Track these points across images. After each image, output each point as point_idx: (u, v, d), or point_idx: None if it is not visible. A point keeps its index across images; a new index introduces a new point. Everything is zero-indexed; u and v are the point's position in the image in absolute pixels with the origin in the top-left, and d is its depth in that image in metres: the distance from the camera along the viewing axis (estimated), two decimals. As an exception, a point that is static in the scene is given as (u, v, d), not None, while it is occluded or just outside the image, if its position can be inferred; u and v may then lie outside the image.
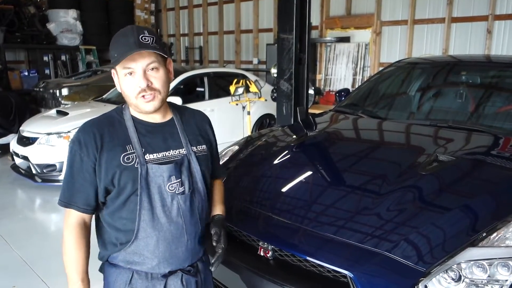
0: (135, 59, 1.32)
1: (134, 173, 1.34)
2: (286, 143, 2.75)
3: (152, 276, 1.41)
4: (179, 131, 1.46)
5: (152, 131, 1.42)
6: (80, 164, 1.35)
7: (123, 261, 1.41)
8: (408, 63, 3.66)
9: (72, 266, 1.38)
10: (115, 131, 1.38)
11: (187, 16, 11.45)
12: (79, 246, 1.38)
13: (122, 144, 1.36)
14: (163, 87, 1.38)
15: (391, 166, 2.23)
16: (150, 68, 1.34)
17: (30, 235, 3.91)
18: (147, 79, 1.34)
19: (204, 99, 6.28)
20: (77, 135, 1.37)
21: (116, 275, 1.43)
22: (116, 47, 1.34)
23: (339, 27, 8.02)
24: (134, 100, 1.36)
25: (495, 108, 2.90)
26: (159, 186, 1.37)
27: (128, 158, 1.35)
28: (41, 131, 5.08)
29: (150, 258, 1.39)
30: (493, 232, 1.59)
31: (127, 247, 1.38)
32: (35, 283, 3.07)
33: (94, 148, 1.34)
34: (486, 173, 2.10)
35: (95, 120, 1.42)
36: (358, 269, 1.57)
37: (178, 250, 1.42)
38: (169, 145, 1.42)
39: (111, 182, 1.34)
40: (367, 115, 3.07)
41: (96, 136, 1.35)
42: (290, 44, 4.04)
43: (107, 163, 1.34)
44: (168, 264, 1.41)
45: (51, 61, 10.00)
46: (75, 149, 1.35)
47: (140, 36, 1.32)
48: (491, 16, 6.19)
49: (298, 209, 2.02)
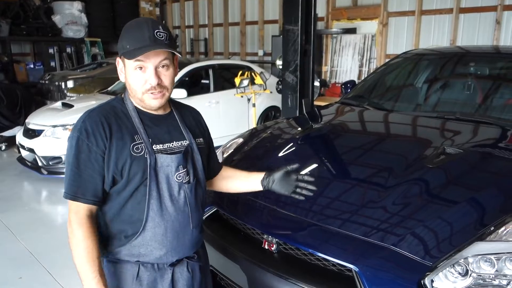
0: (149, 56, 1.31)
1: (144, 163, 1.34)
2: (291, 135, 2.73)
3: (158, 266, 1.42)
4: (180, 124, 1.48)
5: (156, 122, 1.42)
6: (87, 154, 1.30)
7: (128, 255, 1.39)
8: (415, 54, 3.61)
9: (84, 259, 1.30)
10: (121, 121, 1.36)
11: (192, 7, 11.39)
12: (90, 237, 1.32)
13: (130, 134, 1.35)
14: (171, 84, 1.39)
15: (397, 159, 2.20)
16: (161, 66, 1.34)
17: (36, 227, 3.93)
18: (158, 77, 1.33)
19: (209, 91, 6.25)
20: (83, 124, 1.32)
21: (119, 271, 1.41)
22: (129, 39, 1.32)
23: (345, 18, 7.93)
24: (140, 95, 1.35)
25: (504, 100, 2.85)
26: (167, 175, 1.38)
27: (138, 148, 1.34)
28: (47, 124, 5.09)
29: (158, 248, 1.39)
30: (501, 226, 1.56)
31: (133, 239, 1.37)
32: (41, 275, 3.09)
33: (103, 136, 1.31)
34: (494, 166, 2.07)
35: (98, 109, 1.37)
36: (364, 263, 1.55)
37: (185, 238, 1.44)
38: (173, 136, 1.44)
39: (120, 172, 1.33)
40: (373, 107, 3.04)
41: (104, 124, 1.32)
42: (296, 36, 4.00)
43: (117, 153, 1.32)
44: (175, 253, 1.42)
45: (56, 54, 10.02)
46: (82, 139, 1.30)
47: (155, 31, 1.30)
48: (500, 6, 6.09)
49: (303, 202, 1.99)
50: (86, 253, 1.30)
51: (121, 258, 1.41)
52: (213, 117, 6.08)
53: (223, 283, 2.03)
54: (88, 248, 1.31)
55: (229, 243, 1.96)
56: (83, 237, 1.31)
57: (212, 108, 6.11)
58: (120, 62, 1.39)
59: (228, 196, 2.10)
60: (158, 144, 1.39)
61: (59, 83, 7.51)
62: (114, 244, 1.40)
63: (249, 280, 1.85)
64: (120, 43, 1.34)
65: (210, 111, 6.05)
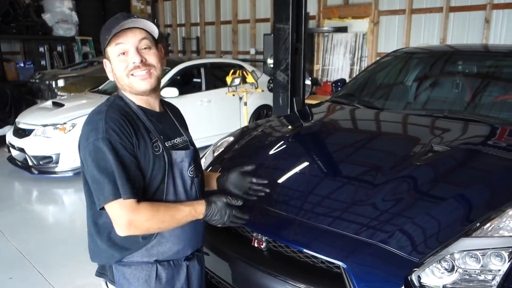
0: (127, 35, 1.32)
1: (164, 162, 1.35)
2: (281, 133, 2.74)
3: (174, 263, 1.43)
4: (175, 120, 1.52)
5: (160, 119, 1.43)
6: (126, 153, 1.26)
7: (146, 256, 1.38)
8: (405, 53, 3.63)
9: (174, 209, 1.31)
10: (133, 119, 1.34)
11: (183, 6, 11.36)
12: (157, 203, 1.31)
13: (146, 132, 1.34)
14: (158, 63, 1.38)
15: (386, 156, 2.22)
16: (143, 48, 1.35)
17: (27, 227, 3.91)
18: (141, 55, 1.34)
19: (201, 90, 6.25)
20: (107, 125, 1.26)
21: (137, 274, 1.38)
22: (107, 28, 1.34)
23: (336, 17, 7.96)
24: (126, 80, 1.35)
25: (492, 98, 2.89)
26: (181, 171, 1.40)
27: (156, 146, 1.34)
28: (37, 123, 5.06)
29: (176, 243, 1.41)
30: (486, 222, 1.58)
31: (152, 239, 1.36)
32: (32, 275, 3.08)
33: (131, 134, 1.28)
34: (481, 163, 2.10)
35: (111, 109, 1.32)
36: (351, 260, 1.57)
37: (198, 231, 1.49)
38: (174, 132, 1.47)
39: (145, 172, 1.31)
40: (363, 105, 3.06)
41: (126, 122, 1.30)
42: (286, 34, 4.01)
43: (142, 151, 1.31)
44: (190, 246, 1.46)
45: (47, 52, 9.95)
46: (114, 140, 1.25)
47: (130, 17, 1.33)
48: (489, 5, 6.15)
49: (292, 200, 2.01)
50: (167, 208, 1.31)
51: (138, 261, 1.38)
52: (205, 115, 6.08)
53: (213, 281, 2.03)
54: (163, 205, 1.31)
55: (219, 242, 1.97)
56: (151, 206, 1.28)
57: (204, 106, 6.11)
58: (107, 62, 1.40)
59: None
60: (168, 140, 1.41)
61: (49, 82, 7.46)
62: (132, 247, 1.36)
63: (239, 278, 1.86)
64: (101, 39, 1.36)
65: (202, 110, 6.05)
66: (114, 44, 1.33)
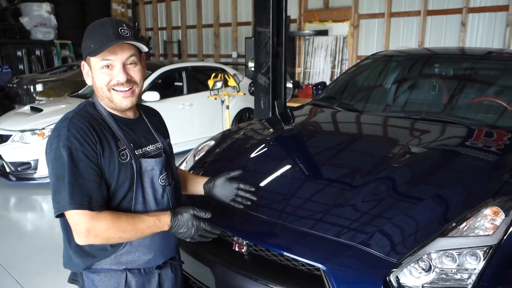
0: (116, 52, 1.29)
1: (131, 170, 1.32)
2: (263, 136, 2.75)
3: (145, 271, 1.41)
4: (150, 126, 1.49)
5: (131, 127, 1.41)
6: (87, 162, 1.24)
7: (114, 264, 1.36)
8: (384, 56, 3.68)
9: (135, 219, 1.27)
10: (102, 126, 1.32)
11: (164, 9, 11.30)
12: (117, 212, 1.28)
13: (113, 140, 1.31)
14: (141, 81, 1.38)
15: (365, 158, 2.24)
16: (129, 63, 1.33)
17: (4, 235, 3.82)
18: (127, 73, 1.32)
19: (182, 94, 6.21)
20: (69, 133, 1.24)
21: (106, 281, 1.36)
22: (94, 37, 1.29)
23: (317, 20, 8.03)
24: (107, 93, 1.32)
25: (468, 100, 2.95)
26: (152, 179, 1.37)
27: (123, 154, 1.32)
28: (15, 128, 4.96)
29: (146, 253, 1.38)
30: (462, 221, 1.61)
31: (120, 248, 1.34)
32: (9, 284, 3.00)
33: (94, 142, 1.26)
34: (457, 163, 2.14)
35: (77, 115, 1.30)
36: (331, 262, 1.58)
37: (170, 240, 1.45)
38: (148, 139, 1.44)
39: (110, 180, 1.29)
40: (343, 108, 3.09)
41: (90, 129, 1.27)
42: (267, 38, 4.03)
43: (106, 160, 1.28)
44: (162, 255, 1.44)
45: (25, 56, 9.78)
46: (75, 147, 1.22)
47: (119, 28, 1.29)
48: (465, 8, 6.29)
49: (273, 203, 2.02)
50: (129, 217, 1.27)
51: (107, 268, 1.36)
52: (186, 119, 6.05)
53: (195, 286, 2.02)
54: (124, 215, 1.27)
55: (200, 246, 1.96)
56: (111, 215, 1.24)
57: (186, 110, 6.08)
58: (85, 65, 1.37)
59: (199, 199, 2.09)
60: (138, 148, 1.38)
61: (27, 87, 7.33)
62: (100, 255, 1.34)
63: (220, 283, 1.85)
64: (84, 43, 1.32)
65: (183, 113, 6.02)
66: (101, 59, 1.29)
